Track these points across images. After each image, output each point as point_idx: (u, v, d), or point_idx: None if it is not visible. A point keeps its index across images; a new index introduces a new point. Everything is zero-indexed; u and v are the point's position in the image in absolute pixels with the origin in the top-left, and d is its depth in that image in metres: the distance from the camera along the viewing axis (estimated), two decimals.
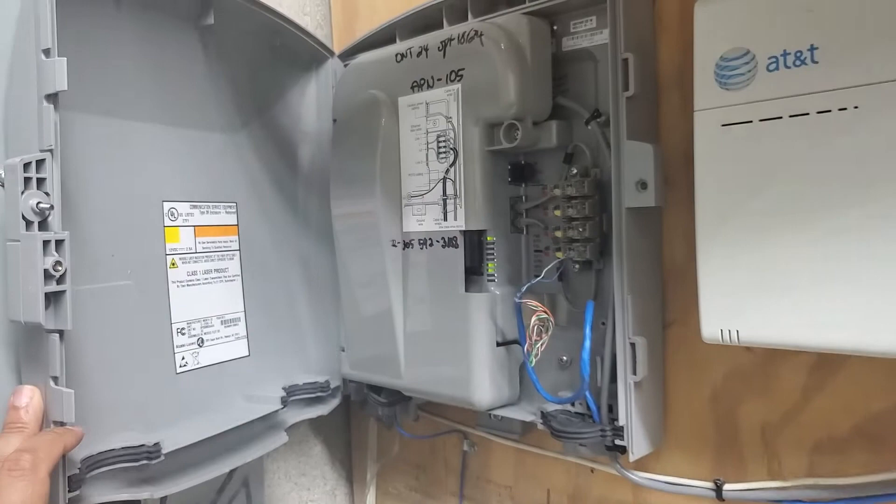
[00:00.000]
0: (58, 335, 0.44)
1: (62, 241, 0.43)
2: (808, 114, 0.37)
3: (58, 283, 0.43)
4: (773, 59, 0.39)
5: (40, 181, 0.43)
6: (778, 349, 0.49)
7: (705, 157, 0.42)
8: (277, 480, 0.77)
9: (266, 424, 0.66)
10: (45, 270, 0.42)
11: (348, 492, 0.84)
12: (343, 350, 0.70)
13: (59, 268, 0.43)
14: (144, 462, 0.51)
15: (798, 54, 0.38)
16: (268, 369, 0.68)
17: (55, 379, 0.44)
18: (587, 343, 0.49)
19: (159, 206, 0.59)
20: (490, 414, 0.64)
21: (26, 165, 0.42)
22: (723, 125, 0.41)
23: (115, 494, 0.51)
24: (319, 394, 0.70)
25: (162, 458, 0.52)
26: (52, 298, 0.44)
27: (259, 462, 0.73)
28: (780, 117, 0.38)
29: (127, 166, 0.56)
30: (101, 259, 0.54)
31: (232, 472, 0.68)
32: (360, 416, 0.82)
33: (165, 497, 0.61)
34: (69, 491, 0.46)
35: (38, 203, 0.43)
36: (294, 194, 0.73)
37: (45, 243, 0.43)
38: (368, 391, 0.69)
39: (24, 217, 0.42)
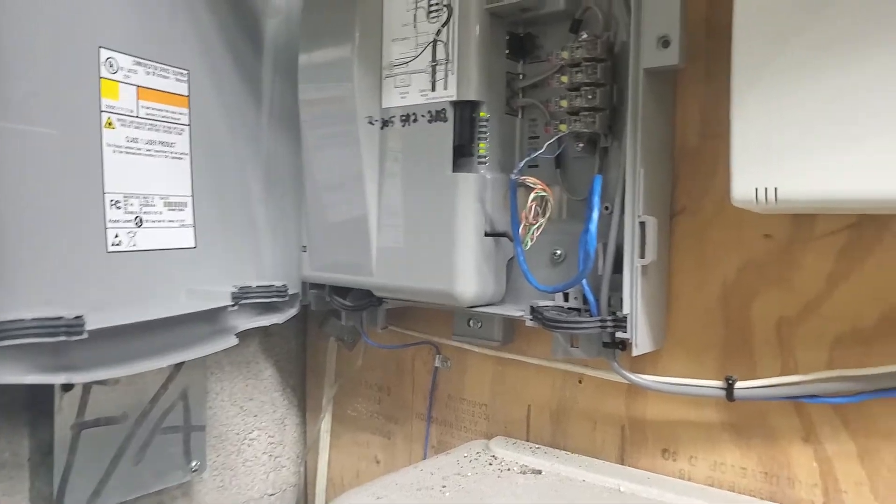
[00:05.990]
0: None
1: None
2: None
3: None
4: None
5: None
6: (801, 231, 0.44)
7: None
8: (221, 403, 0.69)
9: (213, 328, 0.58)
10: None
11: (300, 422, 0.77)
12: (304, 249, 0.62)
13: None
14: (63, 338, 0.43)
15: None
16: (216, 266, 0.60)
17: None
18: (594, 214, 0.43)
19: (94, 52, 0.50)
20: (469, 320, 0.58)
21: None
22: None
23: (22, 376, 0.43)
24: (275, 299, 0.62)
25: (84, 335, 0.43)
26: None
27: (201, 376, 0.64)
28: None
29: None
30: (18, 95, 0.44)
31: (168, 381, 0.60)
32: (317, 340, 0.74)
33: (88, 394, 0.53)
34: None
35: None
36: (257, 75, 0.64)
37: None
38: (332, 295, 0.61)
39: None
